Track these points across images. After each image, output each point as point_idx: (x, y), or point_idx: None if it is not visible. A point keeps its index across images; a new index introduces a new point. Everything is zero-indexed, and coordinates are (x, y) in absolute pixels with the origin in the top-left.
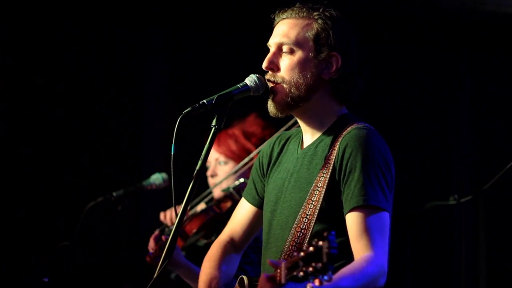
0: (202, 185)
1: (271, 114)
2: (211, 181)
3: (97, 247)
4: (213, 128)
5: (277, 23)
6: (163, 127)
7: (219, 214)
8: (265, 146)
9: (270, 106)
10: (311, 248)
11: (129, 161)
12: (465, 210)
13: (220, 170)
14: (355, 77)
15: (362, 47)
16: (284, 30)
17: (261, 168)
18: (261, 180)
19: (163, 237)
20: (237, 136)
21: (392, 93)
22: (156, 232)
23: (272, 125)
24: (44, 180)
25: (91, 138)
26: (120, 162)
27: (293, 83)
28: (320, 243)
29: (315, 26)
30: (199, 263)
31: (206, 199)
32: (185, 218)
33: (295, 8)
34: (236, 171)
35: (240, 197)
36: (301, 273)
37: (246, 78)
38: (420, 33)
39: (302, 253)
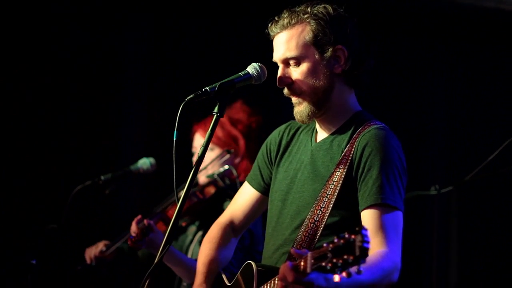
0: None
1: (298, 122)
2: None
3: (84, 231)
4: (215, 115)
5: (274, 38)
6: (143, 110)
7: (202, 200)
8: (273, 134)
9: (297, 115)
10: (341, 241)
11: (117, 145)
12: (438, 201)
13: (206, 156)
14: (365, 58)
15: (360, 30)
16: (283, 44)
17: (268, 155)
18: (268, 167)
19: (145, 221)
20: (223, 123)
21: (373, 83)
22: (138, 216)
23: (258, 112)
24: (32, 163)
25: (79, 122)
26: (107, 146)
27: (310, 91)
28: (353, 236)
29: (309, 28)
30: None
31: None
32: (168, 203)
33: (284, 17)
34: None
35: (224, 184)
36: (330, 265)
37: (248, 67)
38: (396, 21)
39: (331, 245)
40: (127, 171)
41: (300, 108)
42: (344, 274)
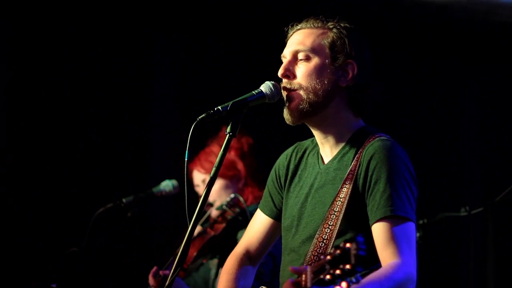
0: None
1: (287, 122)
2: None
3: (106, 254)
4: (228, 135)
5: (292, 34)
6: (173, 133)
7: (214, 236)
8: (281, 158)
9: (287, 114)
10: (338, 251)
11: (139, 168)
12: (474, 222)
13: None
14: (371, 86)
15: (378, 57)
16: (299, 38)
17: (278, 180)
18: (279, 192)
19: (161, 272)
20: (216, 152)
21: (403, 103)
22: (154, 268)
23: (246, 133)
24: (54, 185)
25: (102, 144)
26: (131, 168)
27: (310, 89)
28: (348, 245)
29: (331, 34)
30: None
31: (202, 220)
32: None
33: (309, 20)
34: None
35: (234, 213)
36: (328, 276)
37: (262, 85)
38: (433, 43)
39: (328, 257)
40: (150, 193)
41: (293, 105)
42: (343, 284)
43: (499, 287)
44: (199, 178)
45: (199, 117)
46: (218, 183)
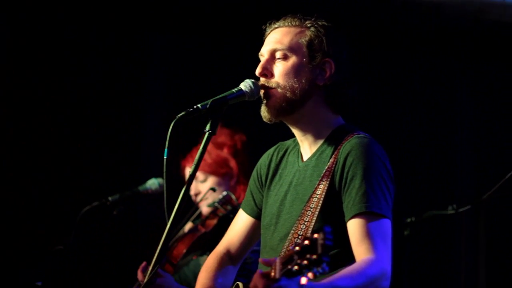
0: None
1: (264, 119)
2: (195, 199)
3: (91, 252)
4: (207, 133)
5: (269, 33)
6: (161, 132)
7: (205, 233)
8: (262, 158)
9: (264, 111)
10: (306, 242)
11: (126, 166)
12: (466, 220)
13: (202, 187)
14: (349, 84)
15: (355, 56)
16: (277, 37)
17: (259, 179)
18: (260, 191)
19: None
20: (209, 150)
21: (391, 101)
22: (143, 263)
23: (238, 130)
24: (40, 183)
25: (88, 142)
26: (117, 166)
27: (288, 87)
28: (316, 235)
29: (308, 33)
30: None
31: (193, 217)
32: (171, 242)
33: (287, 18)
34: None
35: (225, 210)
36: (296, 267)
37: (241, 83)
38: (423, 41)
39: (297, 247)
40: (136, 192)
41: (270, 102)
42: (309, 274)
43: (491, 285)
44: None
45: (178, 115)
46: (210, 181)
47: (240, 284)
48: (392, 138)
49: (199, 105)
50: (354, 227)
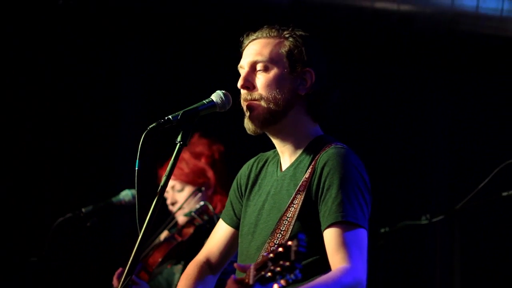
0: (163, 212)
1: (248, 131)
2: (172, 209)
3: (65, 263)
4: (178, 144)
5: (248, 44)
6: (135, 143)
7: (181, 242)
8: (243, 168)
9: (248, 123)
10: (280, 249)
11: (100, 177)
12: (440, 230)
13: (179, 196)
14: (329, 92)
15: (334, 64)
16: (257, 49)
17: (239, 189)
18: (239, 201)
19: None
20: (187, 159)
21: (365, 112)
22: (119, 269)
23: (217, 141)
24: (13, 195)
25: (61, 153)
26: (91, 177)
27: (271, 99)
28: (289, 242)
29: (287, 43)
30: None
31: (169, 226)
32: (147, 250)
33: (264, 29)
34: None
35: (202, 220)
36: (269, 273)
37: (212, 94)
38: (395, 52)
39: (271, 254)
40: (109, 203)
41: (254, 114)
42: (282, 281)
43: None
44: (168, 184)
45: (150, 127)
46: (187, 190)
47: None
48: (366, 148)
49: (170, 116)
50: (330, 236)
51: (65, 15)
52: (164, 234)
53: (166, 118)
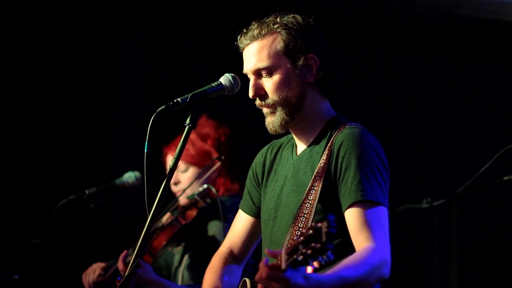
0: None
1: (271, 132)
2: (174, 189)
3: (68, 245)
4: (187, 127)
5: (244, 50)
6: (137, 125)
7: (185, 225)
8: (257, 157)
9: (269, 126)
10: (310, 231)
11: (102, 159)
12: (439, 214)
13: (182, 177)
14: (336, 67)
15: (330, 38)
16: (255, 55)
17: (255, 178)
18: (257, 189)
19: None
20: (193, 140)
21: (365, 96)
22: (124, 252)
23: (224, 123)
24: (16, 177)
25: (64, 136)
26: (94, 159)
27: (284, 99)
28: (319, 224)
29: (280, 38)
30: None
31: (172, 208)
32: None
33: (253, 28)
34: (200, 177)
35: (205, 203)
36: (301, 257)
37: (221, 77)
38: (396, 37)
39: (302, 238)
40: (112, 185)
41: (273, 118)
42: (315, 263)
43: (463, 278)
44: None
45: (159, 109)
46: (192, 172)
47: (247, 280)
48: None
49: (179, 99)
50: (352, 216)
51: (62, 6)
52: (166, 216)
53: (175, 100)
